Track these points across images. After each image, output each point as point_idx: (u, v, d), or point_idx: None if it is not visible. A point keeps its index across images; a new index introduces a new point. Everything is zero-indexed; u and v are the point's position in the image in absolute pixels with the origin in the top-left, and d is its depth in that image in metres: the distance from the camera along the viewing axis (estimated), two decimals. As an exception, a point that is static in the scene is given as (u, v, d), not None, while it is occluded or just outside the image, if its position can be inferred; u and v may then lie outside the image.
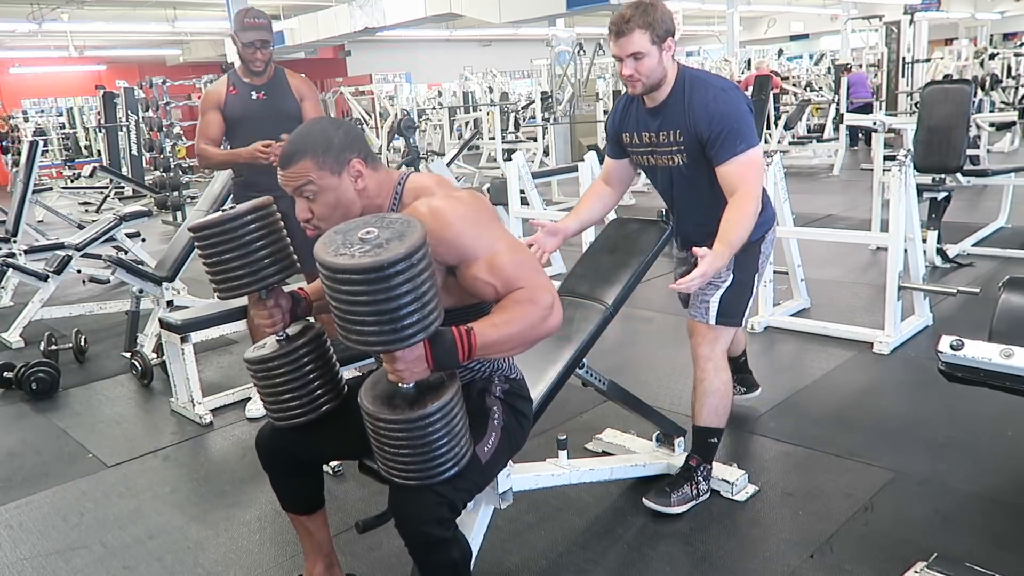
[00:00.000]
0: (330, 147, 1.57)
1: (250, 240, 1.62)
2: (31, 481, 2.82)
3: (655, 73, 2.15)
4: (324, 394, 1.75)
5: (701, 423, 2.33)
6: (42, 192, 8.47)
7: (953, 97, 4.62)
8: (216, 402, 3.37)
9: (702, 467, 2.35)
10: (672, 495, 2.30)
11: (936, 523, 2.20)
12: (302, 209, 1.61)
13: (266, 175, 3.08)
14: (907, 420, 2.86)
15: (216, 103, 3.05)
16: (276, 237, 1.68)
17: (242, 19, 2.97)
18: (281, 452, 1.82)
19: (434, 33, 18.75)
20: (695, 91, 2.18)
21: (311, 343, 1.75)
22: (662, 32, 2.12)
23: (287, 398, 1.72)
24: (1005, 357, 1.80)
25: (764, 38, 22.24)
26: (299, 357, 1.72)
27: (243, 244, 1.61)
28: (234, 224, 1.61)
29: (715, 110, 2.13)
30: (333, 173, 1.57)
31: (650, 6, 2.11)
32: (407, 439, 1.47)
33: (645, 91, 2.21)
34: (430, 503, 1.51)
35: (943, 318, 3.84)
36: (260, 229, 1.64)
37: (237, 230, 1.61)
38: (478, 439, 1.63)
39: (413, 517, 1.52)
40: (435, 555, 1.55)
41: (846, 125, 8.63)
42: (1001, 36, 22.15)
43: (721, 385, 2.31)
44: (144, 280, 4.00)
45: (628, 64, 2.14)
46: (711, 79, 2.25)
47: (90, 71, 17.44)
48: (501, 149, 10.12)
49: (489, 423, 1.68)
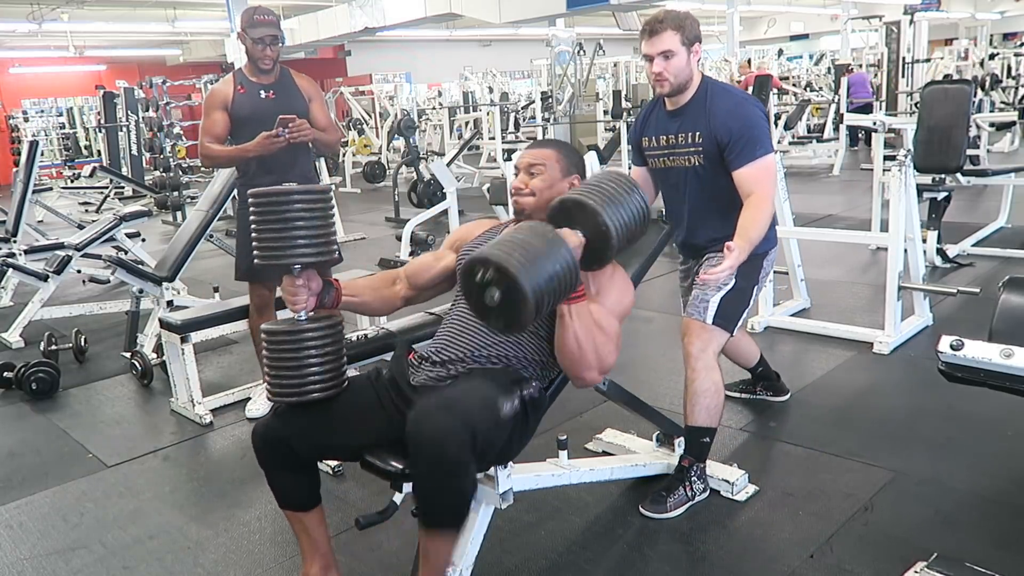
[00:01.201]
0: (572, 158, 2.05)
1: (292, 217, 1.73)
2: (31, 481, 2.82)
3: (682, 73, 2.27)
4: (318, 382, 1.79)
5: (693, 423, 2.33)
6: (42, 192, 8.46)
7: (953, 97, 4.62)
8: (216, 402, 3.37)
9: (695, 467, 2.34)
10: (668, 500, 2.30)
11: (936, 523, 2.20)
12: (521, 180, 2.02)
13: (270, 174, 3.09)
14: (907, 420, 2.86)
15: (223, 102, 3.03)
16: (319, 222, 1.76)
17: (251, 16, 2.97)
18: (278, 444, 1.81)
19: (434, 33, 18.73)
20: (717, 97, 2.30)
21: (322, 331, 1.80)
22: (691, 36, 2.26)
23: (283, 375, 1.79)
24: (1005, 357, 1.80)
25: (764, 38, 22.22)
26: (305, 339, 1.78)
27: (285, 219, 1.73)
28: (281, 199, 1.73)
29: (738, 116, 2.25)
30: (562, 175, 2.00)
31: (682, 13, 2.27)
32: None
33: (672, 91, 2.31)
34: (451, 426, 1.54)
35: (943, 318, 3.84)
36: (305, 211, 1.74)
37: (283, 204, 1.73)
38: (501, 394, 1.70)
39: (436, 440, 1.53)
40: (451, 480, 1.57)
41: (846, 125, 8.63)
42: (1001, 36, 22.14)
43: (712, 384, 2.31)
44: (144, 280, 4.00)
45: (658, 62, 2.25)
46: (733, 89, 2.41)
47: (90, 71, 17.43)
48: (501, 149, 10.11)
49: (514, 391, 1.76)
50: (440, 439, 1.53)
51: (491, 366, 1.86)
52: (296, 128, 2.88)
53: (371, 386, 1.91)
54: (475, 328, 1.90)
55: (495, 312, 1.59)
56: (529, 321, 1.58)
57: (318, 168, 6.84)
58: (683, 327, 2.39)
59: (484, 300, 1.58)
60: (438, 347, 1.93)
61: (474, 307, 1.64)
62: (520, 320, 1.58)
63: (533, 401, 1.82)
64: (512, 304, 1.56)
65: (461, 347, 1.89)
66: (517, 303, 1.54)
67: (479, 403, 1.65)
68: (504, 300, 1.56)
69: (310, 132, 2.95)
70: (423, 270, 2.10)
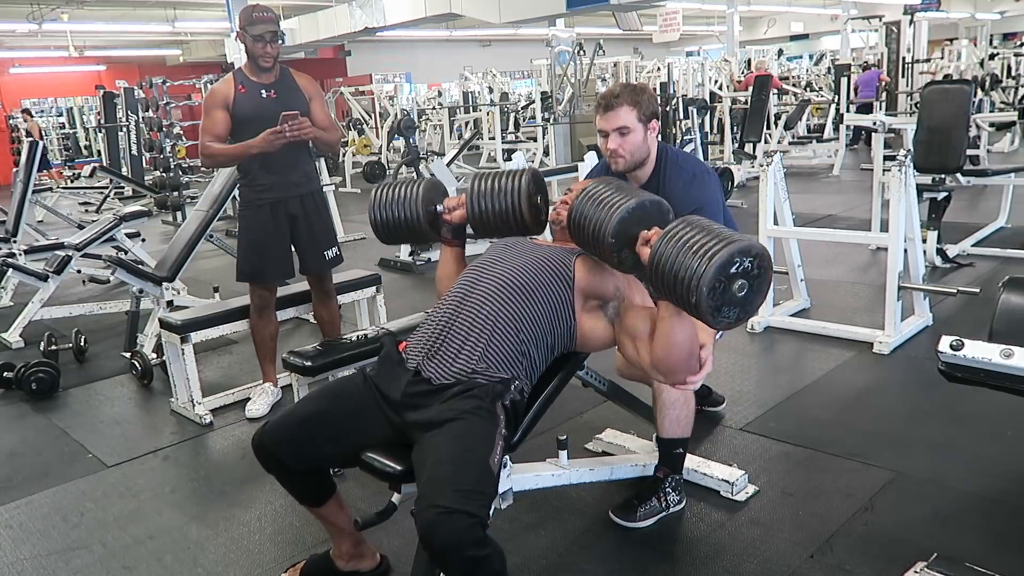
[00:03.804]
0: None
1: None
2: (31, 481, 2.82)
3: (639, 151, 2.26)
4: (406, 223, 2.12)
5: (664, 435, 2.27)
6: (42, 192, 8.46)
7: (953, 97, 4.62)
8: (216, 402, 3.37)
9: (670, 479, 2.30)
10: (639, 509, 2.27)
11: (936, 523, 2.20)
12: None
13: (271, 174, 3.09)
14: (907, 420, 2.86)
15: (224, 101, 3.03)
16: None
17: (250, 14, 2.96)
18: (270, 457, 1.84)
19: (434, 33, 18.75)
20: (672, 172, 2.30)
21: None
22: (648, 112, 2.26)
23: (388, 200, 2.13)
24: (1005, 357, 1.80)
25: (764, 38, 22.23)
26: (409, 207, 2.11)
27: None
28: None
29: (690, 200, 2.21)
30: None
31: (638, 87, 2.28)
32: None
33: (627, 168, 2.30)
34: (464, 526, 1.50)
35: (943, 318, 3.84)
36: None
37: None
38: (487, 451, 1.67)
39: (452, 545, 1.50)
40: (480, 573, 1.55)
41: (851, 125, 8.63)
42: (1001, 36, 22.14)
43: (679, 395, 2.21)
44: (144, 280, 4.00)
45: (613, 138, 2.25)
46: (689, 163, 2.36)
47: (90, 71, 17.43)
48: (501, 149, 10.12)
49: (497, 433, 1.73)
50: (456, 544, 1.50)
51: (476, 382, 1.80)
52: (298, 125, 2.88)
53: (361, 388, 1.88)
54: (463, 333, 1.87)
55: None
56: None
57: (318, 168, 6.83)
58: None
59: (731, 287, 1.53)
60: (425, 351, 1.88)
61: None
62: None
63: (515, 404, 1.82)
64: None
65: (447, 359, 1.84)
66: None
67: (475, 477, 1.61)
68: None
69: (311, 130, 2.95)
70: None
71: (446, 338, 1.87)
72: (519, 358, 1.86)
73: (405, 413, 1.81)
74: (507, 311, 1.87)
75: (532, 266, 1.95)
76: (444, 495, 1.52)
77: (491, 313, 1.86)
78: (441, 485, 1.56)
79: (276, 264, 3.20)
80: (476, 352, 1.83)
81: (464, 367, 1.82)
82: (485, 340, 1.84)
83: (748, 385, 3.27)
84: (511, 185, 2.01)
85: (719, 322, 1.57)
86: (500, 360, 1.84)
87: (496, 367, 1.83)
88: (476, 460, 1.64)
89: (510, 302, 1.88)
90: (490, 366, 1.82)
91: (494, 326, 1.85)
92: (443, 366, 1.83)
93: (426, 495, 1.55)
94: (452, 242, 2.20)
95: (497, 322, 1.85)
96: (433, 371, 1.83)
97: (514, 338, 1.86)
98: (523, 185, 2.01)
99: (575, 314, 1.93)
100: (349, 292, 3.61)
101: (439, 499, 1.51)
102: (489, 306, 1.87)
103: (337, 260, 3.33)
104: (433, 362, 1.85)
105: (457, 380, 1.81)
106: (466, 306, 1.89)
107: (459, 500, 1.52)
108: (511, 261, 1.98)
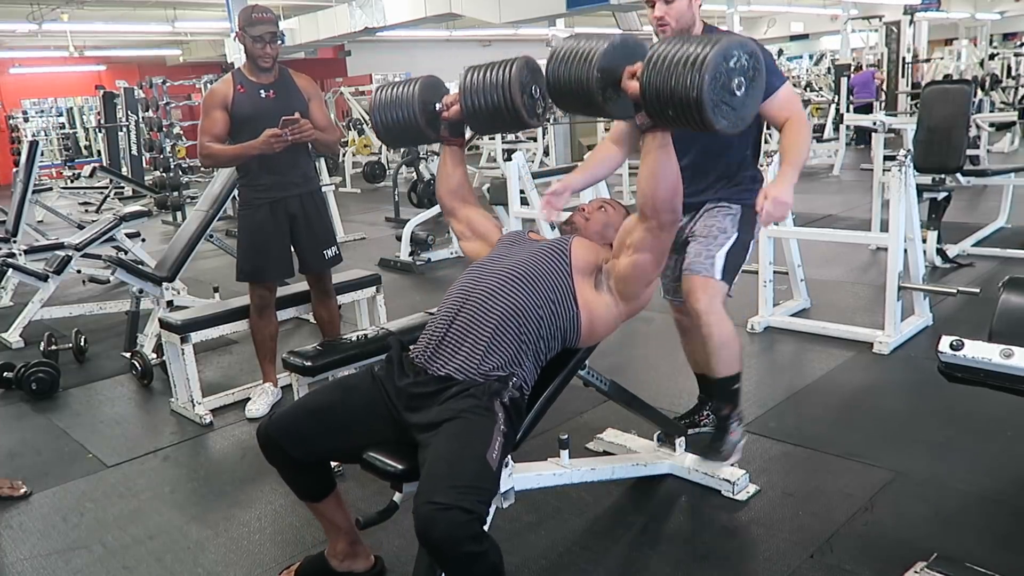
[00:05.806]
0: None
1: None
2: (31, 481, 2.81)
3: (684, 17, 2.23)
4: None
5: (721, 374, 2.32)
6: (42, 192, 8.46)
7: (953, 97, 4.62)
8: (216, 402, 3.37)
9: (734, 412, 2.36)
10: (722, 449, 2.34)
11: (936, 523, 2.20)
12: (661, 10, 2.17)
13: (271, 174, 3.10)
14: (907, 420, 2.86)
15: (223, 101, 3.03)
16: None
17: (249, 14, 2.97)
18: (275, 448, 1.86)
19: (434, 33, 18.72)
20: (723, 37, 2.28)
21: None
22: None
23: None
24: (1005, 357, 1.80)
25: (764, 38, 22.21)
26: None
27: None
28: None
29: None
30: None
31: None
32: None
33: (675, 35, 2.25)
34: (460, 522, 1.51)
35: (943, 318, 3.84)
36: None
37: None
38: (484, 447, 1.67)
39: (448, 540, 1.51)
40: (477, 568, 1.55)
41: (853, 125, 8.63)
42: (1001, 36, 22.14)
43: (727, 334, 2.26)
44: (144, 280, 4.00)
45: (659, 6, 2.22)
46: (732, 33, 2.34)
47: (90, 71, 17.40)
48: (501, 149, 10.12)
49: (495, 429, 1.73)
50: (452, 539, 1.51)
51: (474, 381, 1.82)
52: (298, 128, 2.89)
53: (369, 386, 1.90)
54: (464, 336, 1.87)
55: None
56: None
57: (318, 168, 6.84)
58: (686, 289, 2.30)
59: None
60: (428, 354, 1.90)
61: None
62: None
63: (514, 401, 1.82)
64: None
65: (449, 353, 1.87)
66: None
67: (472, 474, 1.61)
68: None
69: (311, 132, 2.96)
70: (482, 221, 2.26)
71: (450, 334, 1.89)
72: (523, 348, 1.87)
73: (407, 414, 1.83)
74: (510, 302, 1.88)
75: (532, 257, 1.98)
76: (441, 491, 1.53)
77: (495, 306, 1.88)
78: (438, 481, 1.57)
79: (276, 263, 3.20)
80: (480, 345, 1.84)
81: (466, 361, 1.83)
82: (489, 333, 1.85)
83: (748, 385, 3.25)
84: (502, 77, 1.95)
85: (718, 121, 1.58)
86: (504, 352, 1.85)
87: (497, 361, 1.84)
88: (473, 456, 1.65)
89: (512, 293, 1.89)
90: (491, 361, 1.83)
91: (499, 319, 1.86)
92: (445, 359, 1.86)
93: (423, 491, 1.56)
94: (451, 140, 2.21)
95: (501, 314, 1.86)
96: (437, 366, 1.85)
97: (517, 329, 1.87)
98: (514, 75, 1.94)
99: (576, 298, 1.94)
100: (349, 292, 3.61)
101: (436, 495, 1.53)
102: (492, 300, 1.89)
103: (336, 259, 3.33)
104: (437, 357, 1.87)
105: (458, 375, 1.82)
106: (470, 302, 1.91)
107: (455, 496, 1.53)
108: (512, 256, 2.00)
